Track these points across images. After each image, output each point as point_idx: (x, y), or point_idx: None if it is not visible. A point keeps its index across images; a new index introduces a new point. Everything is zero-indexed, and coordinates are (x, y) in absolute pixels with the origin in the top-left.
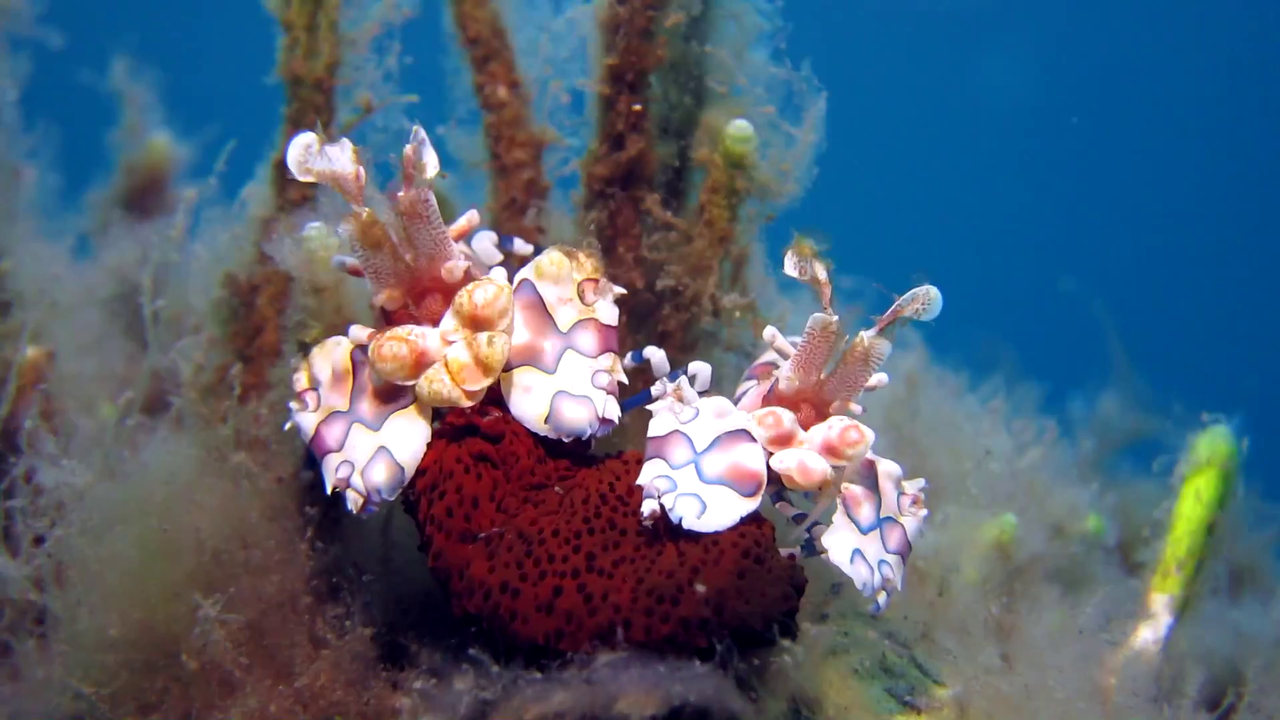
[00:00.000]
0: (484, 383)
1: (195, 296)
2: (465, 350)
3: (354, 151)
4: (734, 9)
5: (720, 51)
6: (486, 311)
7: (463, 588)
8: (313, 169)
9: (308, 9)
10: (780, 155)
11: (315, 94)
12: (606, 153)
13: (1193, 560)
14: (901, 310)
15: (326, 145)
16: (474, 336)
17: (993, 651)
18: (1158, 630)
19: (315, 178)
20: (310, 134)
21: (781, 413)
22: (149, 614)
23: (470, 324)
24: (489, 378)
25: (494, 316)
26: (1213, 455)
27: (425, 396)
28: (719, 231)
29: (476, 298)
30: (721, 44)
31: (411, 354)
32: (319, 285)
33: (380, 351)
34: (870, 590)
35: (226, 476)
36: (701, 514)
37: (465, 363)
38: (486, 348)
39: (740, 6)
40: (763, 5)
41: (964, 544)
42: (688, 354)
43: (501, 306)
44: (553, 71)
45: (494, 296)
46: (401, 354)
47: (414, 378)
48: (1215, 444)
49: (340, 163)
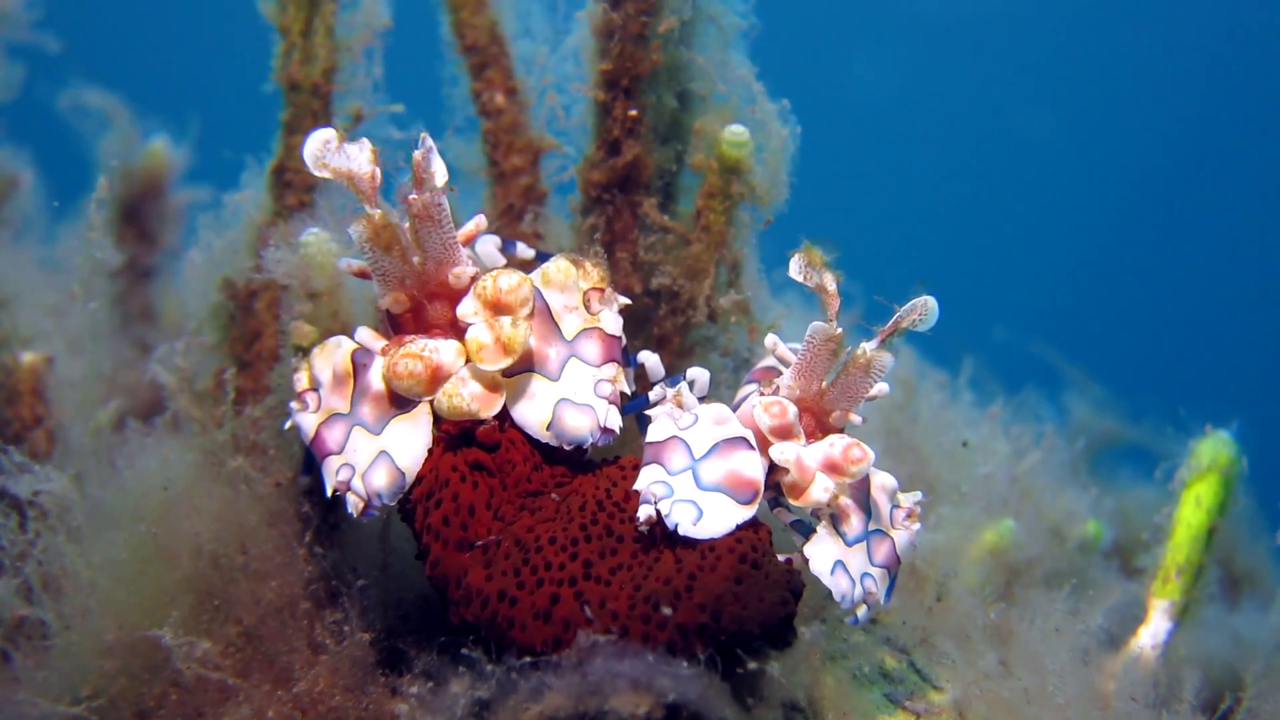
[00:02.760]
0: (503, 363)
1: (193, 302)
2: (486, 331)
3: (373, 151)
4: (715, 11)
5: (707, 56)
6: (509, 298)
7: (460, 596)
8: (330, 165)
9: (304, 14)
10: (769, 158)
11: (312, 99)
12: (603, 158)
13: (1192, 566)
14: (901, 321)
15: (345, 143)
16: (496, 318)
17: (991, 656)
18: (1156, 635)
19: (331, 174)
20: (330, 129)
21: (788, 403)
22: (146, 620)
23: (492, 309)
24: (509, 357)
25: (515, 304)
26: (1214, 461)
27: (445, 411)
28: (715, 236)
29: (501, 283)
30: (707, 48)
31: (427, 369)
32: (315, 291)
33: (396, 369)
34: (849, 603)
35: (224, 481)
36: (698, 521)
37: (486, 343)
38: (510, 329)
39: (718, 9)
40: (738, 6)
41: (962, 549)
42: (685, 359)
43: (524, 295)
44: (551, 78)
45: (517, 284)
46: (417, 370)
47: (431, 393)
48: (1217, 450)
49: (358, 161)
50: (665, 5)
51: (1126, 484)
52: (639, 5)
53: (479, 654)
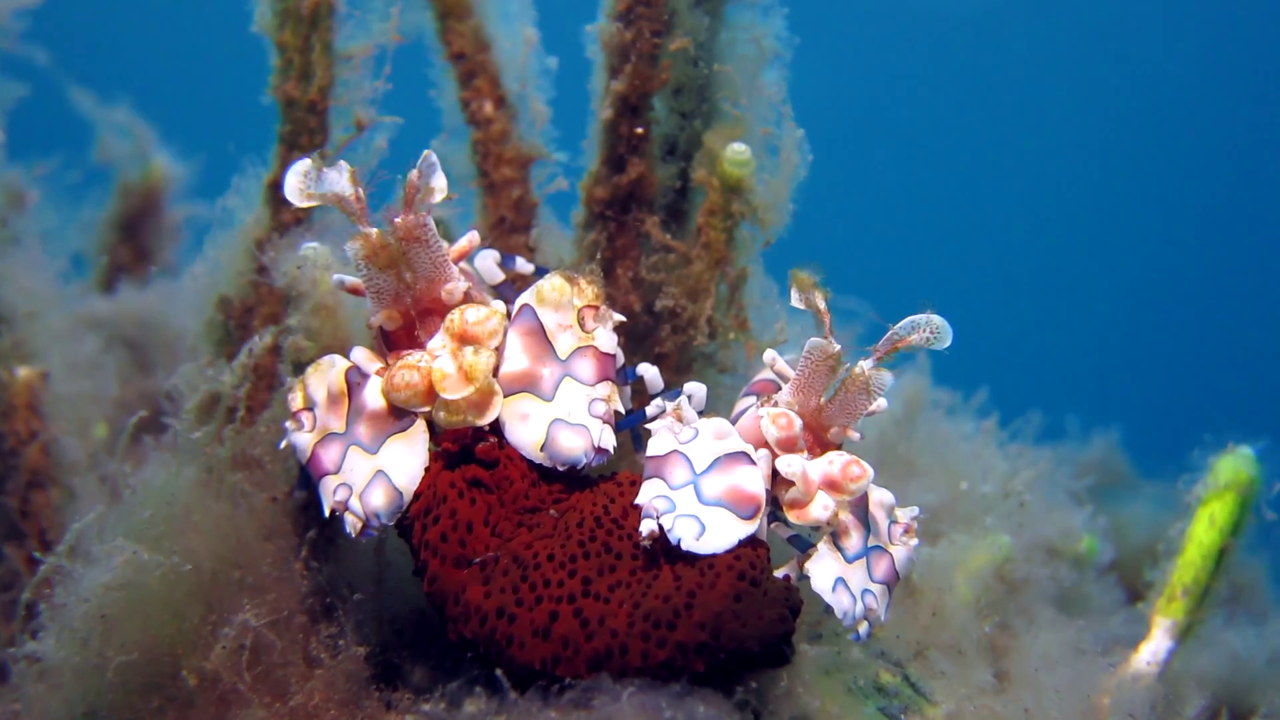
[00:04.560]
0: (464, 391)
1: (189, 318)
2: (450, 360)
3: (351, 173)
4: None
5: (729, 71)
6: (476, 330)
7: (458, 613)
8: (314, 194)
9: (302, 32)
10: (777, 183)
11: (309, 116)
12: (607, 175)
13: (1200, 586)
14: (907, 340)
15: (324, 169)
16: (460, 348)
17: (986, 671)
18: (1157, 653)
19: (318, 201)
20: (306, 160)
21: (794, 416)
22: (145, 636)
23: (459, 341)
24: (470, 385)
25: (482, 335)
26: (1233, 480)
27: (441, 421)
28: (716, 254)
29: (468, 316)
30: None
31: (424, 381)
32: (316, 305)
33: (394, 381)
34: (851, 620)
35: (223, 497)
36: (700, 535)
37: (449, 373)
38: (472, 357)
39: (749, 26)
40: (781, 28)
41: (958, 564)
42: (683, 375)
43: (491, 328)
44: (539, 86)
45: (485, 317)
46: (414, 381)
47: (428, 404)
48: (1237, 469)
49: (339, 185)
50: (678, 24)
51: (1121, 501)
52: (652, 25)
53: (479, 672)
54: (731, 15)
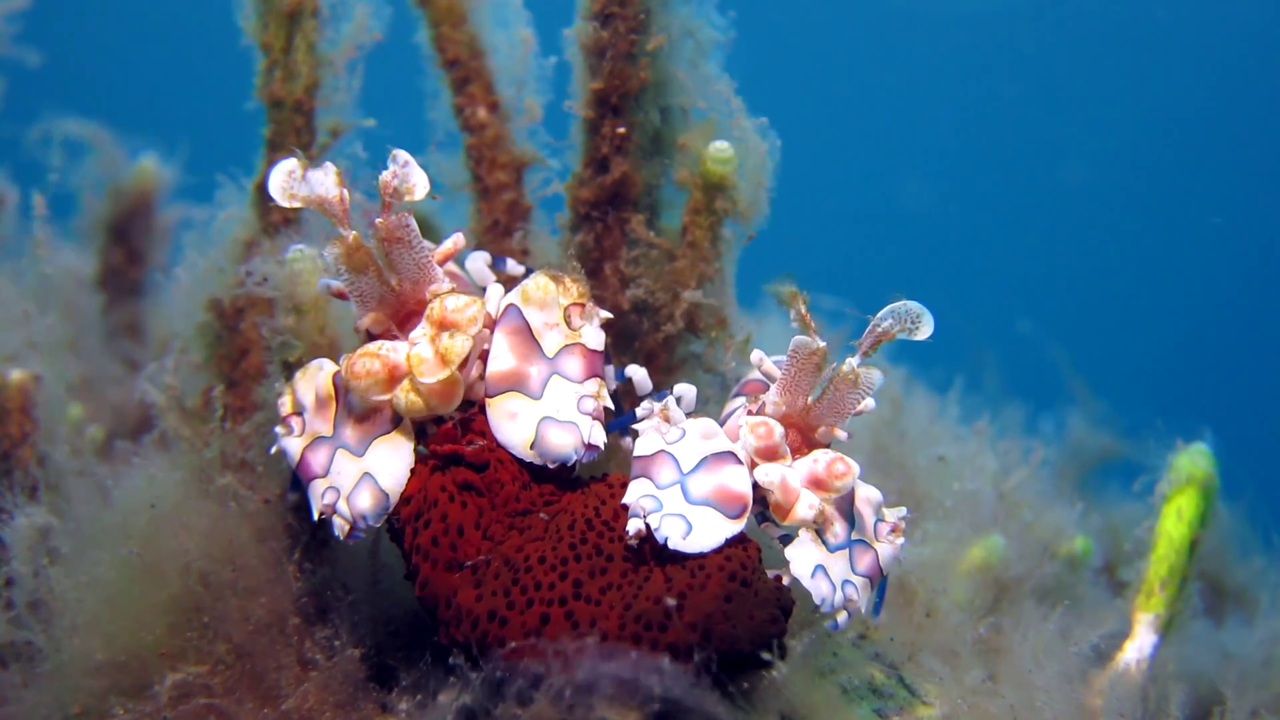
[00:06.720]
0: (441, 374)
1: (180, 320)
2: (428, 346)
3: (337, 174)
4: (692, 26)
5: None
6: (455, 317)
7: (450, 616)
8: (297, 195)
9: (285, 32)
10: (750, 173)
11: (295, 116)
12: (591, 176)
13: (1175, 579)
14: (890, 333)
15: (309, 170)
16: (437, 334)
17: (979, 672)
18: (1142, 650)
19: (301, 203)
20: (292, 160)
21: (774, 424)
22: (135, 638)
23: (439, 328)
24: (446, 369)
25: (461, 323)
26: (1193, 474)
27: (402, 408)
28: (700, 252)
29: (448, 303)
30: (685, 63)
31: (384, 368)
32: (302, 306)
33: (354, 368)
34: (829, 607)
35: (214, 499)
36: (687, 535)
37: (426, 357)
38: (447, 340)
39: (695, 24)
40: (717, 20)
41: (951, 565)
42: (671, 376)
43: (470, 315)
44: (534, 90)
45: (464, 305)
46: (374, 369)
47: (388, 392)
48: (1195, 462)
49: (324, 186)
50: (653, 22)
51: (1113, 500)
52: (629, 24)
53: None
54: (673, 8)
